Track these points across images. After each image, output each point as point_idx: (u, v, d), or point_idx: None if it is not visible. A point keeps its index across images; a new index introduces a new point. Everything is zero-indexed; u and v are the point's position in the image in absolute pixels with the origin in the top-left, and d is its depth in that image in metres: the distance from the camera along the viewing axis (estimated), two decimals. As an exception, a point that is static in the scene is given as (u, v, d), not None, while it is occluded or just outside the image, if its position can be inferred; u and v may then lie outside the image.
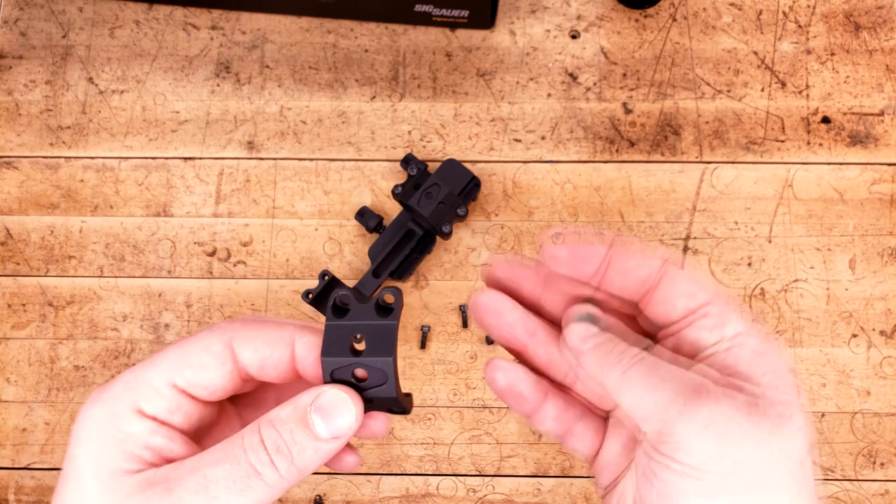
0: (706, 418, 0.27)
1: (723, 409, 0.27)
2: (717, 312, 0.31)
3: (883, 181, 0.59)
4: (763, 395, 0.28)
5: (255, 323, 0.30)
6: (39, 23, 0.63)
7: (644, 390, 0.28)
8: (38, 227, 0.59)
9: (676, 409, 0.27)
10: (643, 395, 0.28)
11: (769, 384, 0.29)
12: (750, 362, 0.29)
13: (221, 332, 0.30)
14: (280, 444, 0.28)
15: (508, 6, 0.62)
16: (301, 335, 0.30)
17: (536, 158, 0.59)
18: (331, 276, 0.55)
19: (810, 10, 0.62)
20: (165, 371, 0.29)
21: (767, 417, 0.28)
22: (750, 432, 0.27)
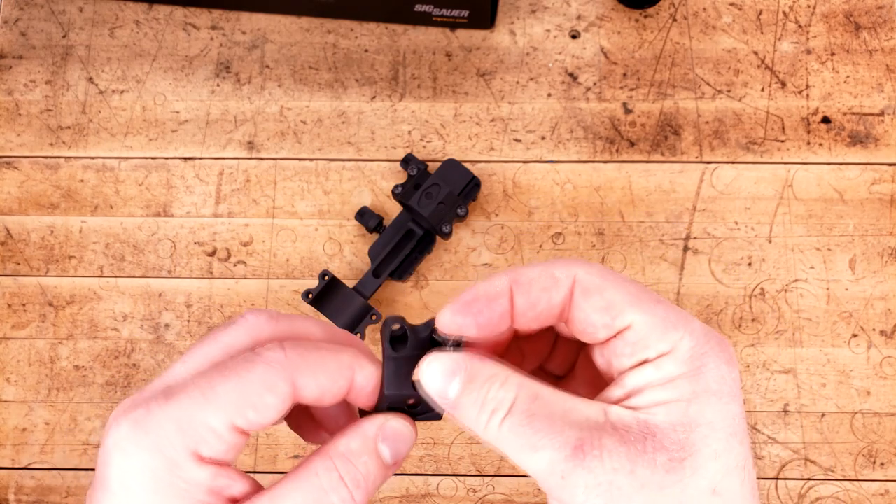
0: (587, 485, 0.25)
1: (612, 462, 0.25)
2: (641, 331, 0.28)
3: (883, 181, 0.59)
4: (667, 428, 0.26)
5: (313, 353, 0.28)
6: (39, 23, 0.63)
7: (525, 453, 0.26)
8: (38, 227, 0.59)
9: (558, 474, 0.26)
10: (525, 458, 0.27)
11: (667, 414, 0.26)
12: (661, 390, 0.27)
13: (283, 369, 0.27)
14: (359, 479, 0.28)
15: (508, 6, 0.62)
16: (360, 366, 0.29)
17: (536, 158, 0.59)
18: (331, 276, 0.55)
19: (810, 10, 0.62)
20: (226, 412, 0.26)
21: (661, 453, 0.26)
22: (645, 481, 0.25)
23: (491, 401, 0.27)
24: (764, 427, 0.55)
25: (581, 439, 0.26)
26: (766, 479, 0.55)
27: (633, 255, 0.58)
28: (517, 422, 0.27)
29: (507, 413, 0.27)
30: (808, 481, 0.55)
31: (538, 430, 0.26)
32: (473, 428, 0.28)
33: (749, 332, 0.57)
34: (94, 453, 0.56)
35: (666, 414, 0.26)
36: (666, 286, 0.57)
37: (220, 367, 0.27)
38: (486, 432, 0.27)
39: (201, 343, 0.29)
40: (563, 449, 0.26)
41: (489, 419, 0.27)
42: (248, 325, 0.29)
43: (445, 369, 0.28)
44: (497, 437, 0.27)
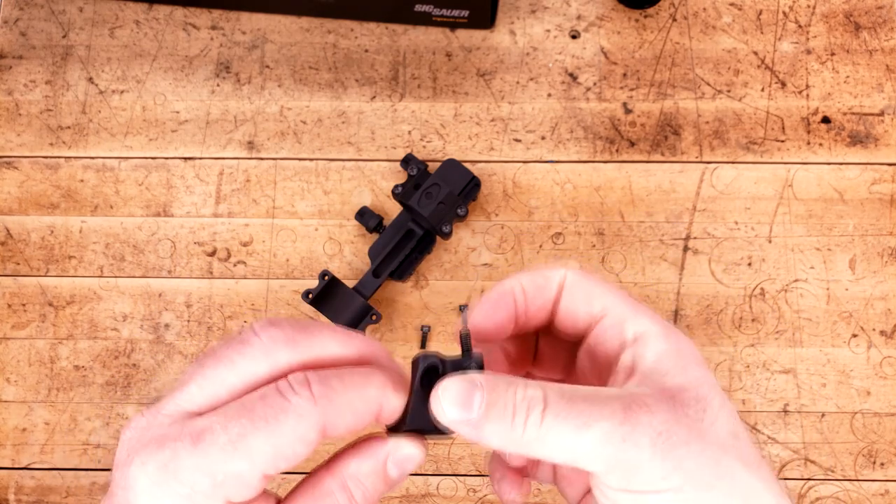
0: (651, 437, 0.27)
1: (661, 415, 0.27)
2: (615, 313, 0.31)
3: (883, 181, 0.59)
4: (676, 388, 0.29)
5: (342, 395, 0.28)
6: (39, 23, 0.63)
7: (573, 435, 0.27)
8: (38, 227, 0.59)
9: (618, 438, 0.27)
10: (575, 441, 0.27)
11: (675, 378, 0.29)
12: (654, 361, 0.30)
13: (314, 418, 0.27)
14: (368, 496, 0.29)
15: (508, 6, 0.62)
16: (386, 400, 0.29)
17: (536, 158, 0.59)
18: (331, 276, 0.55)
19: (810, 10, 0.62)
20: (258, 464, 0.27)
21: (690, 406, 0.28)
22: (690, 429, 0.27)
23: (523, 402, 0.28)
24: (764, 427, 0.55)
25: (626, 403, 0.27)
26: (766, 479, 0.55)
27: (633, 255, 0.58)
28: (559, 410, 0.27)
29: (545, 406, 0.28)
30: (808, 481, 0.55)
31: (583, 410, 0.27)
32: (507, 438, 0.28)
33: (749, 332, 0.57)
34: (93, 453, 0.56)
35: (672, 378, 0.29)
36: (666, 286, 0.57)
37: (246, 410, 0.26)
38: (525, 433, 0.28)
39: (216, 362, 0.28)
40: (615, 416, 0.27)
41: (527, 418, 0.28)
42: (266, 349, 0.28)
43: (461, 390, 0.28)
44: (540, 434, 0.27)
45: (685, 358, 0.30)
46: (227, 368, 0.27)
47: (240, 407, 0.26)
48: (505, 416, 0.28)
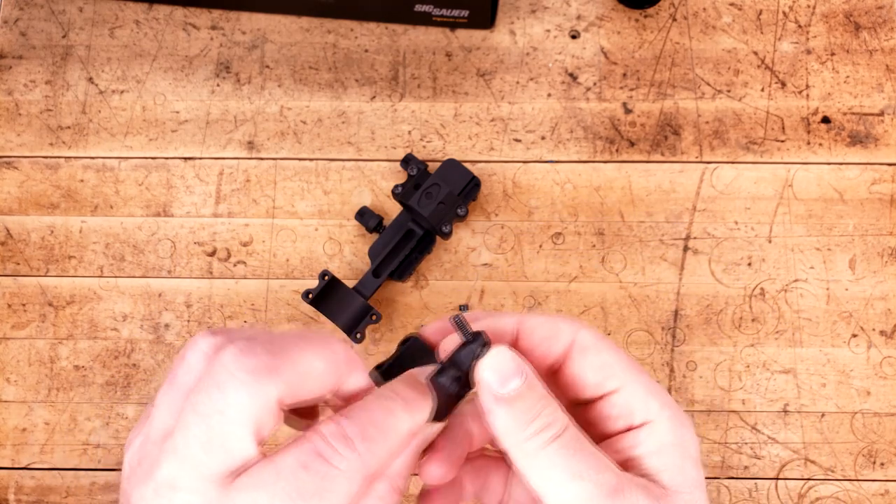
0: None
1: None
2: (628, 392, 0.30)
3: (883, 181, 0.59)
4: (673, 489, 0.28)
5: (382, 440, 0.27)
6: (39, 23, 0.63)
7: (563, 478, 0.27)
8: (38, 227, 0.59)
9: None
10: (561, 484, 0.27)
11: (673, 477, 0.29)
12: (657, 454, 0.29)
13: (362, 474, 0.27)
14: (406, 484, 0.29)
15: (508, 6, 0.62)
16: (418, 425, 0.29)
17: (536, 158, 0.59)
18: (331, 276, 0.55)
19: (810, 10, 0.62)
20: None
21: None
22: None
23: (546, 416, 0.28)
24: (764, 427, 0.55)
25: (620, 483, 0.27)
26: (766, 479, 0.55)
27: (633, 255, 0.58)
28: (568, 446, 0.27)
29: (559, 435, 0.28)
30: (808, 481, 0.55)
31: (583, 461, 0.27)
32: (512, 434, 0.28)
33: (749, 332, 0.57)
34: (93, 453, 0.56)
35: (670, 478, 0.29)
36: (666, 286, 0.57)
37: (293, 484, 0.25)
38: (526, 443, 0.28)
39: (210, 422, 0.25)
40: (604, 486, 0.27)
41: (538, 433, 0.27)
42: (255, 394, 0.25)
43: (511, 365, 0.28)
44: (536, 453, 0.27)
45: (685, 456, 0.29)
46: (222, 425, 0.25)
47: (282, 479, 0.25)
48: (525, 414, 0.28)
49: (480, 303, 0.57)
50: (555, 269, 0.58)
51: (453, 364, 0.29)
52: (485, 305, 0.57)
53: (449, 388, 0.29)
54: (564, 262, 0.58)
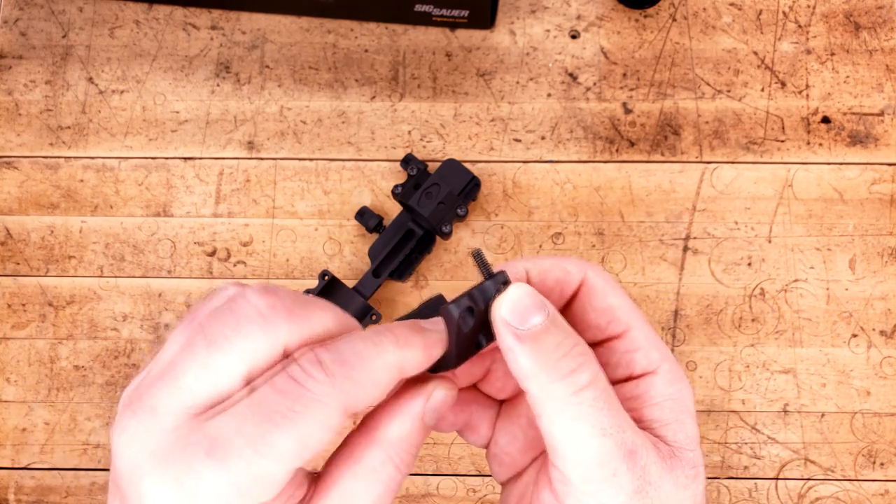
0: (635, 487, 0.26)
1: (652, 475, 0.26)
2: (631, 338, 0.29)
3: (883, 181, 0.59)
4: (678, 445, 0.27)
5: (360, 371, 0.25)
6: (39, 23, 0.63)
7: (588, 433, 0.25)
8: (38, 227, 0.59)
9: (610, 470, 0.25)
10: (583, 438, 0.25)
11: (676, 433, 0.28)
12: (658, 406, 0.28)
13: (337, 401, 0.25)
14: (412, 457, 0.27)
15: (508, 6, 0.62)
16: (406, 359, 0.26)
17: (536, 158, 0.60)
18: (331, 276, 0.55)
19: (810, 10, 0.62)
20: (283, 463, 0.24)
21: (684, 470, 0.27)
22: (671, 491, 0.26)
23: (575, 357, 0.26)
24: (764, 427, 0.55)
25: (635, 443, 0.26)
26: (766, 479, 0.55)
27: (633, 255, 0.58)
28: (600, 398, 0.26)
29: (592, 383, 0.26)
30: (808, 481, 0.55)
31: (611, 417, 0.26)
32: (537, 376, 0.26)
33: (749, 332, 0.57)
34: (93, 453, 0.56)
35: (673, 433, 0.28)
36: (666, 286, 0.57)
37: (262, 408, 0.23)
38: (553, 386, 0.25)
39: (210, 345, 0.24)
40: (623, 446, 0.26)
41: (567, 376, 0.26)
42: (265, 325, 0.24)
43: (532, 300, 0.26)
44: (566, 400, 0.25)
45: (685, 411, 0.28)
46: (224, 353, 0.24)
47: (253, 404, 0.24)
48: (551, 354, 0.26)
49: (480, 303, 0.57)
50: (555, 269, 0.58)
51: (469, 297, 0.26)
52: (485, 305, 0.57)
53: (461, 321, 0.26)
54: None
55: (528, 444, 0.31)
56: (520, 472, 0.31)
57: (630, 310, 0.29)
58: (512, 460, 0.31)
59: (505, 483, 0.32)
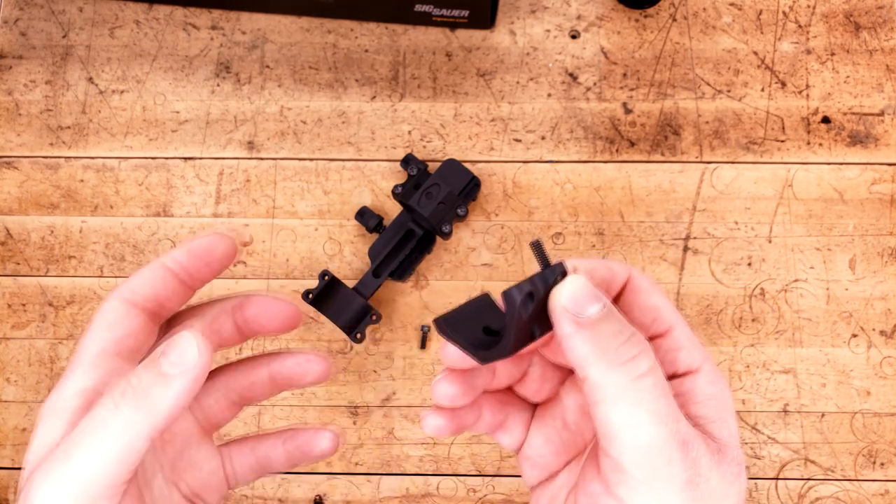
0: (688, 478, 0.26)
1: (703, 468, 0.26)
2: (675, 337, 0.29)
3: (883, 181, 0.59)
4: (723, 442, 0.28)
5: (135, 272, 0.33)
6: (39, 23, 0.63)
7: (645, 420, 0.26)
8: (38, 227, 0.59)
9: (665, 458, 0.26)
10: (640, 425, 0.26)
11: (721, 430, 0.28)
12: (702, 404, 0.29)
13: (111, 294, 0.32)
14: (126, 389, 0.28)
15: (508, 6, 0.62)
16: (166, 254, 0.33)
17: (536, 158, 0.59)
18: (331, 276, 0.55)
19: (810, 10, 0.62)
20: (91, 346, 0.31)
21: (730, 467, 0.27)
22: (718, 486, 0.27)
23: (634, 345, 0.26)
24: (764, 427, 0.55)
25: (688, 434, 0.26)
26: (766, 479, 0.55)
27: (633, 255, 0.58)
28: (656, 386, 0.26)
29: (649, 371, 0.26)
30: (808, 481, 0.55)
31: (667, 405, 0.26)
32: (597, 361, 0.26)
33: (749, 332, 0.57)
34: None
35: (718, 430, 0.28)
36: (666, 286, 0.57)
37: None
38: (614, 372, 0.26)
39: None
40: (678, 435, 0.26)
41: (627, 363, 0.26)
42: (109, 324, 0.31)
43: (590, 290, 0.27)
44: (626, 386, 0.26)
45: (727, 409, 0.29)
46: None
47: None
48: (610, 340, 0.26)
49: (480, 303, 0.57)
50: (555, 269, 0.58)
51: (531, 282, 0.27)
52: (485, 305, 0.57)
53: (522, 306, 0.26)
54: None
55: (561, 447, 0.32)
56: (552, 475, 0.32)
57: (672, 311, 0.30)
58: (546, 463, 0.32)
59: (535, 486, 0.32)
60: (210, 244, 0.34)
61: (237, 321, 0.35)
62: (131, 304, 0.31)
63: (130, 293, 0.31)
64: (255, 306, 0.35)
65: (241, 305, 0.35)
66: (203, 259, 0.34)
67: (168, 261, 0.33)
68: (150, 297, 0.32)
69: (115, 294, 0.31)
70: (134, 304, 0.31)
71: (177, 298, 0.33)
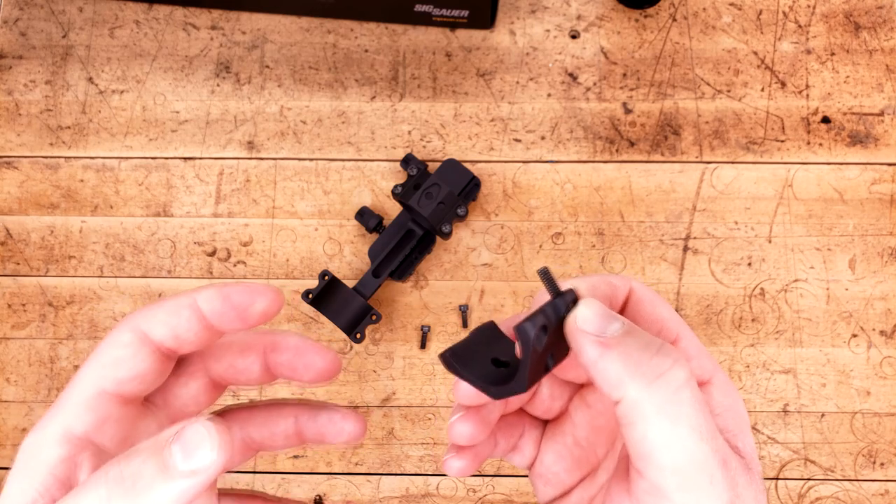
0: (729, 500, 0.25)
1: (739, 481, 0.25)
2: (683, 347, 0.28)
3: (883, 181, 0.59)
4: (748, 457, 0.27)
5: (156, 302, 0.27)
6: (39, 23, 0.63)
7: (689, 437, 0.24)
8: (38, 227, 0.59)
9: (707, 477, 0.24)
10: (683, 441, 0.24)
11: (744, 445, 0.27)
12: (721, 416, 0.27)
13: (125, 322, 0.26)
14: (121, 478, 0.24)
15: (508, 6, 0.62)
16: (199, 293, 0.27)
17: (536, 158, 0.59)
18: (331, 276, 0.55)
19: (810, 10, 0.62)
20: (89, 382, 0.27)
21: (758, 484, 0.26)
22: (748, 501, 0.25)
23: (666, 354, 0.25)
24: (764, 427, 0.55)
25: (727, 453, 0.25)
26: (766, 479, 0.55)
27: (632, 255, 0.58)
28: (695, 399, 0.25)
29: (686, 382, 0.25)
30: (808, 481, 0.55)
31: (707, 422, 0.25)
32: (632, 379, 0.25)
33: (749, 332, 0.57)
34: (94, 453, 0.56)
35: (743, 445, 0.27)
36: (666, 286, 0.57)
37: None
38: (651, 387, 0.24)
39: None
40: (718, 454, 0.25)
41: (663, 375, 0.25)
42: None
43: (607, 311, 0.26)
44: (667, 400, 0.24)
45: (744, 421, 0.28)
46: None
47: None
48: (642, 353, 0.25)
49: (480, 303, 0.57)
50: (555, 269, 0.58)
51: (542, 314, 0.26)
52: (485, 305, 0.57)
53: (536, 340, 0.25)
54: (564, 262, 0.58)
55: (573, 464, 0.31)
56: (566, 492, 0.31)
57: (678, 320, 0.29)
58: (559, 480, 0.31)
59: (549, 503, 0.32)
60: (252, 297, 0.28)
61: (268, 363, 0.30)
62: (145, 340, 0.27)
63: (147, 327, 0.27)
64: (287, 352, 0.30)
65: (274, 346, 0.30)
66: (239, 311, 0.28)
67: (202, 301, 0.27)
68: (169, 337, 0.27)
69: (129, 324, 0.27)
70: (149, 341, 0.27)
71: (199, 342, 0.28)
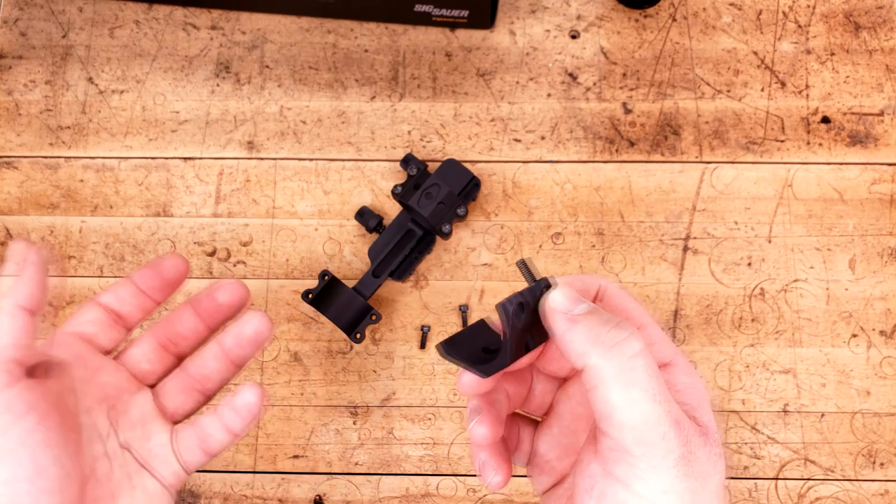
0: (681, 455, 0.28)
1: (693, 440, 0.28)
2: (649, 333, 0.32)
3: (883, 181, 0.59)
4: (706, 426, 0.30)
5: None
6: (39, 23, 0.63)
7: (642, 398, 0.28)
8: (38, 227, 0.59)
9: (660, 433, 0.28)
10: (637, 403, 0.28)
11: (703, 415, 0.30)
12: (682, 392, 0.31)
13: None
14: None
15: (508, 6, 0.62)
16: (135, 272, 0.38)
17: (536, 158, 0.59)
18: (331, 276, 0.55)
19: (810, 10, 0.62)
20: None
21: (714, 448, 0.29)
22: (706, 465, 0.29)
23: (624, 327, 0.29)
24: (764, 427, 0.55)
25: (680, 416, 0.29)
26: (766, 479, 0.55)
27: (632, 255, 0.58)
28: (649, 366, 0.29)
29: (640, 352, 0.29)
30: (808, 481, 0.55)
31: (660, 385, 0.28)
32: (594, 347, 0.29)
33: (749, 332, 0.57)
34: (93, 453, 0.56)
35: (701, 415, 0.30)
36: (666, 286, 0.57)
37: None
38: (610, 352, 0.28)
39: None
40: (671, 414, 0.28)
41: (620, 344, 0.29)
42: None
43: (576, 294, 0.30)
44: (622, 366, 0.28)
45: (703, 397, 0.31)
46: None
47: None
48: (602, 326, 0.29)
49: (480, 303, 0.57)
50: (555, 269, 0.58)
51: (520, 295, 0.30)
52: (485, 305, 0.57)
53: (515, 316, 0.30)
54: (564, 262, 0.58)
55: (563, 451, 0.35)
56: (560, 481, 0.34)
57: (642, 312, 0.33)
58: (552, 468, 0.35)
59: (545, 493, 0.35)
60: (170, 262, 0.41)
61: (199, 315, 0.40)
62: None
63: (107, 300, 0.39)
64: (205, 296, 0.40)
65: (196, 300, 0.40)
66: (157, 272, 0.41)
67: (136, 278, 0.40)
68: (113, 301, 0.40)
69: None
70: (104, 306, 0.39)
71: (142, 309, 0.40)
